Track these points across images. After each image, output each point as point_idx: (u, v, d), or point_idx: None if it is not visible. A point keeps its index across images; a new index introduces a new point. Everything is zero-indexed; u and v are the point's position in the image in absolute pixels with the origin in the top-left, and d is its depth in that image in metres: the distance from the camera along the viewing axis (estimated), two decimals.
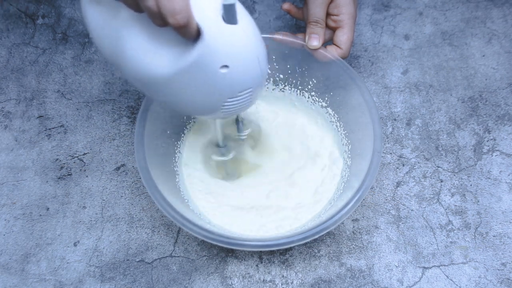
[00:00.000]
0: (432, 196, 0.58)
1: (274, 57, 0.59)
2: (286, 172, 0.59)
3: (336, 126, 0.60)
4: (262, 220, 0.55)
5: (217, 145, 0.56)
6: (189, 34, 0.36)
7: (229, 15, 0.37)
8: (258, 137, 0.60)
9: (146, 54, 0.39)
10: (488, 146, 0.61)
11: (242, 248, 0.47)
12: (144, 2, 0.34)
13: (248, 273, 0.54)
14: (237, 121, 0.56)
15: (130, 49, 0.40)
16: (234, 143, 0.58)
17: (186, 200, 0.55)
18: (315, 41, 0.56)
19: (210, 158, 0.58)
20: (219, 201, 0.57)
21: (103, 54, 0.44)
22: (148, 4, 0.34)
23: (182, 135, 0.60)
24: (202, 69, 0.38)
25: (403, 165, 0.61)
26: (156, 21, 0.35)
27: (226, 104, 0.42)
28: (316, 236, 0.46)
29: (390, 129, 0.63)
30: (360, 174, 0.50)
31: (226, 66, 0.38)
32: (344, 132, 0.59)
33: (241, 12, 0.38)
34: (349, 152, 0.57)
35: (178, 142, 0.59)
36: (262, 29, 0.43)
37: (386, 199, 0.58)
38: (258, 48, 0.41)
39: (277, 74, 0.61)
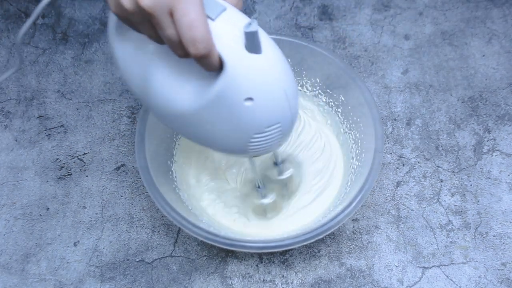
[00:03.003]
0: (432, 196, 0.58)
1: None
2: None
3: (337, 126, 0.60)
4: (262, 219, 0.55)
5: (257, 187, 0.54)
6: (211, 65, 0.34)
7: (251, 44, 0.34)
8: (299, 181, 0.57)
9: (171, 88, 0.38)
10: (488, 146, 0.61)
11: (243, 250, 0.46)
12: (164, 32, 0.32)
13: (248, 273, 0.54)
14: (276, 163, 0.55)
15: (155, 84, 0.38)
16: (273, 184, 0.56)
17: (186, 201, 0.55)
18: None
19: (248, 199, 0.56)
20: (219, 200, 0.57)
21: (133, 94, 0.43)
22: (168, 33, 0.32)
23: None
24: (226, 102, 0.36)
25: (403, 165, 0.60)
26: (177, 51, 0.34)
27: (253, 140, 0.39)
28: (318, 237, 0.46)
29: (390, 129, 0.63)
30: (361, 174, 0.50)
31: (250, 99, 0.36)
32: (344, 132, 0.59)
33: (265, 40, 0.36)
34: (349, 152, 0.57)
35: (178, 142, 0.59)
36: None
37: (386, 199, 0.58)
38: (285, 78, 0.38)
39: None
